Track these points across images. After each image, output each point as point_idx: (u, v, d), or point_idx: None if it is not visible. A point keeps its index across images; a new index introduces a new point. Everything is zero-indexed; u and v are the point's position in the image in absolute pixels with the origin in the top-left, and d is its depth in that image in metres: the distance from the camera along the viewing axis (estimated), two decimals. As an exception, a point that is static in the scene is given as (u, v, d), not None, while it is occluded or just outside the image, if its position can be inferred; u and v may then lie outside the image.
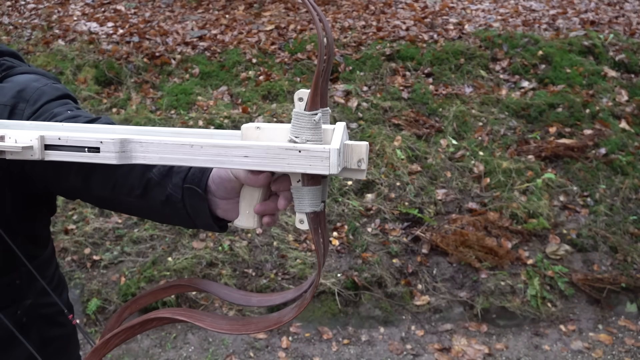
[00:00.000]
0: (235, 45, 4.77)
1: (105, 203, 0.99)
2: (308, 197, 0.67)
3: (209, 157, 0.66)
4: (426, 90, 4.22)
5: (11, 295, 1.06)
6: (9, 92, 0.95)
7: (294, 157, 0.63)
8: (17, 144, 0.66)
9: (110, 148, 0.66)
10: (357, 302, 3.00)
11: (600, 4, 5.66)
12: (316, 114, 0.64)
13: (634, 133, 3.92)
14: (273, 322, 0.73)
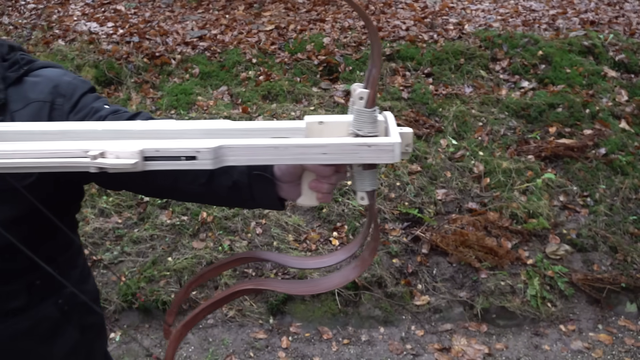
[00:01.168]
0: (235, 45, 4.77)
1: (162, 192, 1.05)
2: (368, 178, 0.77)
3: (292, 155, 0.73)
4: (426, 90, 4.23)
5: (53, 285, 1.08)
6: (44, 88, 0.98)
7: (365, 151, 0.72)
8: (119, 159, 0.70)
9: (207, 156, 0.71)
10: (357, 302, 3.01)
11: (600, 4, 5.66)
12: (375, 110, 0.75)
13: (633, 133, 3.92)
14: (338, 281, 0.83)
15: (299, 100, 4.14)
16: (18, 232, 0.86)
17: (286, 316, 2.97)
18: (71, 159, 0.70)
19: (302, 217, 3.35)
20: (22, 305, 1.03)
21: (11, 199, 0.90)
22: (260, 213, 3.34)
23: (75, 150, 0.70)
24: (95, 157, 0.70)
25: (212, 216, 3.29)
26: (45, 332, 1.08)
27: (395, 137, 0.72)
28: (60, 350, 1.11)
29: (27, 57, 1.04)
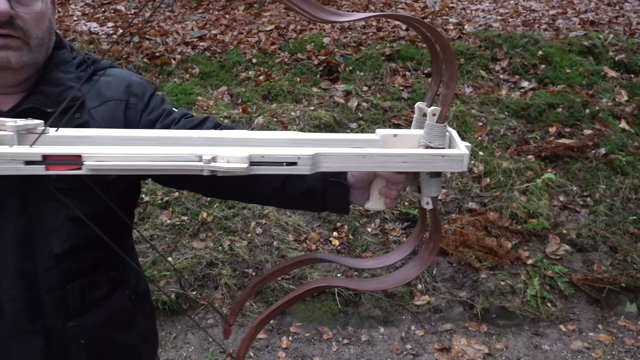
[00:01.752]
0: (235, 45, 4.77)
1: (230, 194, 1.10)
2: (434, 185, 0.87)
3: (376, 163, 0.81)
4: (426, 90, 4.22)
5: (121, 275, 1.14)
6: (119, 87, 1.05)
7: (439, 160, 0.81)
8: (230, 164, 0.76)
9: (306, 162, 0.78)
10: (357, 302, 3.01)
11: (600, 4, 5.66)
12: (445, 126, 0.84)
13: (633, 133, 3.92)
14: (401, 279, 0.91)
15: (299, 100, 4.14)
16: (103, 224, 0.92)
17: (286, 316, 2.98)
18: (186, 162, 0.76)
19: (302, 217, 3.35)
20: (103, 296, 1.09)
21: (94, 194, 0.94)
22: (260, 213, 3.34)
23: (189, 155, 0.76)
24: (209, 161, 0.76)
25: (212, 216, 3.29)
26: (121, 321, 1.13)
27: (464, 149, 0.82)
28: (133, 338, 1.17)
29: (91, 56, 1.09)
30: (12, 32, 0.90)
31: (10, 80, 0.96)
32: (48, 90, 0.97)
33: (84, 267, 1.04)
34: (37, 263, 0.98)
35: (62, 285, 1.01)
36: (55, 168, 0.76)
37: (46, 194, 0.95)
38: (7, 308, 0.99)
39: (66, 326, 1.03)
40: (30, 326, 1.00)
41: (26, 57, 0.93)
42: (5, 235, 0.95)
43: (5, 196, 0.94)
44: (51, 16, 0.98)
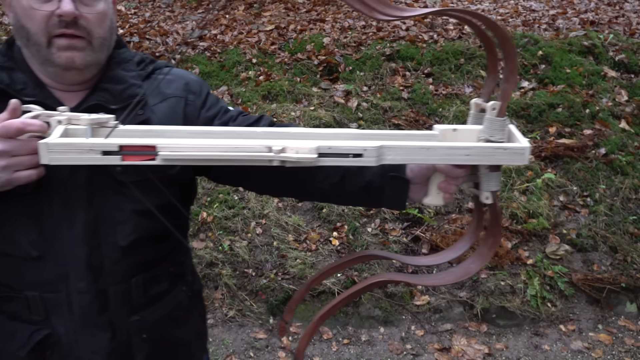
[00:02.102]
0: (235, 45, 4.77)
1: (284, 190, 1.13)
2: (494, 179, 0.87)
3: (439, 156, 0.82)
4: (426, 90, 4.22)
5: (180, 272, 1.17)
6: (178, 85, 1.08)
7: (501, 153, 0.82)
8: (299, 154, 0.79)
9: (372, 154, 0.80)
10: (357, 302, 3.00)
11: (600, 4, 5.66)
12: (505, 120, 0.85)
13: (633, 133, 3.92)
14: (460, 274, 0.91)
15: (299, 100, 4.14)
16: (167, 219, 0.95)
17: (286, 316, 2.97)
18: (256, 153, 0.79)
19: (302, 217, 3.35)
20: (164, 290, 1.11)
21: (158, 187, 0.97)
22: (260, 213, 3.34)
23: (259, 146, 0.79)
24: (279, 152, 0.78)
25: (212, 216, 3.29)
26: (180, 317, 1.15)
27: (525, 143, 0.82)
28: (189, 335, 1.19)
29: (149, 56, 1.12)
30: (77, 32, 0.92)
31: (75, 79, 0.99)
32: (111, 87, 1.00)
33: (147, 261, 1.06)
34: (104, 256, 1.01)
35: (126, 278, 1.04)
36: (130, 158, 0.78)
37: (111, 188, 0.98)
38: (76, 301, 1.01)
39: (129, 320, 1.06)
40: (97, 319, 1.03)
41: (89, 56, 0.95)
42: (74, 229, 0.98)
43: (74, 190, 0.96)
44: (112, 16, 1.01)
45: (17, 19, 0.93)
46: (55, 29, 0.91)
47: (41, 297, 1.00)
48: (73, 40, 0.92)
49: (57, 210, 0.97)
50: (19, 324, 1.03)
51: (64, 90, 1.00)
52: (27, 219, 0.96)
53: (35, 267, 0.99)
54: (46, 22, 0.90)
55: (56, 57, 0.93)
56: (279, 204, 3.40)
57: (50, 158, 0.78)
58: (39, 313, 1.01)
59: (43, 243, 0.97)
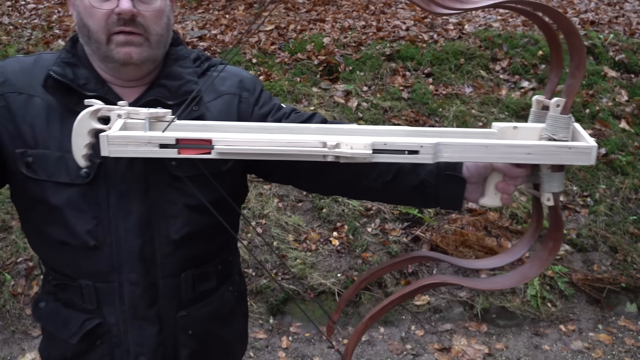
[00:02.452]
0: (235, 45, 4.77)
1: (336, 189, 1.12)
2: (557, 180, 0.83)
3: (499, 154, 0.79)
4: (426, 90, 4.22)
5: (228, 271, 1.18)
6: (233, 82, 1.10)
7: (565, 152, 0.78)
8: (354, 150, 0.78)
9: (429, 151, 0.77)
10: (357, 302, 3.01)
11: (600, 4, 5.66)
12: (570, 117, 0.81)
13: (634, 133, 3.92)
14: (518, 279, 0.88)
15: (299, 100, 4.14)
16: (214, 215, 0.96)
17: (286, 316, 2.98)
18: (310, 147, 0.78)
19: (302, 217, 3.35)
20: (211, 288, 1.13)
21: (210, 183, 0.98)
22: (260, 213, 3.34)
23: (314, 141, 0.79)
24: (333, 147, 0.77)
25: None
26: (225, 316, 1.17)
27: (591, 142, 0.78)
28: (233, 334, 1.20)
29: (204, 54, 1.14)
30: (134, 29, 0.95)
31: (132, 74, 1.01)
32: (168, 83, 1.03)
33: (197, 257, 1.08)
34: (156, 249, 1.03)
35: (176, 273, 1.06)
36: (186, 152, 0.80)
37: (166, 182, 1.01)
38: (128, 292, 1.03)
39: (177, 315, 1.07)
40: (146, 312, 1.05)
41: (146, 52, 0.98)
42: (129, 220, 1.00)
43: (131, 181, 0.99)
44: (169, 13, 1.03)
45: (80, 17, 0.97)
46: (114, 26, 0.94)
47: (94, 286, 1.03)
48: (131, 36, 0.95)
49: (114, 202, 0.99)
50: (73, 312, 1.06)
51: (123, 86, 1.03)
52: (86, 209, 0.99)
53: (91, 257, 1.01)
54: (106, 20, 0.94)
55: (115, 53, 0.96)
56: (279, 204, 3.40)
57: (110, 150, 0.80)
58: (92, 302, 1.04)
59: (100, 233, 1.00)
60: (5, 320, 2.80)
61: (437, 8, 0.73)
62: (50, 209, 0.99)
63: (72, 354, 1.08)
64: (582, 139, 0.80)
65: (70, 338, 1.05)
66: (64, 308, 1.07)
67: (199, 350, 1.12)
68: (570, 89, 0.82)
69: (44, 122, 0.98)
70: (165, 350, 1.08)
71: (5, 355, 2.65)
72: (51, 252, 1.05)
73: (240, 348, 1.27)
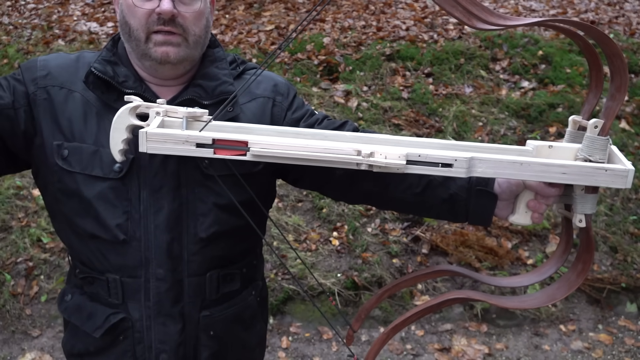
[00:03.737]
0: (235, 45, 4.77)
1: (363, 198, 1.13)
2: (590, 202, 0.82)
3: (533, 172, 0.78)
4: (426, 90, 4.22)
5: (252, 275, 1.19)
6: (267, 86, 1.12)
7: (601, 174, 0.77)
8: (388, 160, 0.76)
9: (463, 165, 0.78)
10: (357, 302, 3.00)
11: (600, 4, 5.66)
12: (608, 139, 0.80)
13: (634, 133, 3.92)
14: (544, 300, 0.88)
15: (299, 100, 4.14)
16: (244, 216, 0.97)
17: (286, 316, 2.97)
18: (345, 155, 0.79)
19: (302, 217, 3.35)
20: (235, 290, 1.13)
21: (241, 183, 1.00)
22: (260, 213, 3.34)
23: (348, 149, 0.79)
24: (367, 156, 0.78)
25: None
26: (247, 319, 1.17)
27: (628, 165, 0.78)
28: (254, 339, 1.21)
29: (240, 57, 1.15)
30: (173, 29, 0.97)
31: (169, 73, 1.03)
32: (205, 84, 1.04)
33: (223, 257, 1.09)
34: (184, 246, 1.04)
35: (202, 271, 1.07)
36: (222, 152, 0.81)
37: (197, 180, 1.02)
38: (154, 287, 1.04)
39: (200, 314, 1.09)
40: (170, 309, 1.06)
41: (184, 52, 1.00)
42: (159, 215, 1.02)
43: (164, 178, 1.01)
44: (209, 15, 1.05)
45: (122, 15, 1.00)
46: (154, 25, 0.97)
47: (121, 280, 1.05)
48: (169, 36, 0.98)
49: (145, 197, 1.01)
50: (98, 306, 1.07)
51: (160, 84, 1.05)
52: (117, 203, 1.01)
53: (120, 251, 1.03)
54: (146, 18, 0.96)
55: (153, 51, 0.98)
56: (279, 204, 3.40)
57: (148, 147, 0.81)
58: (117, 297, 1.06)
59: (130, 227, 1.02)
60: (5, 320, 2.79)
61: (480, 23, 0.72)
62: (83, 202, 1.01)
63: (95, 348, 1.09)
64: (619, 162, 0.80)
65: (94, 332, 1.06)
66: (90, 302, 1.08)
67: (219, 351, 1.12)
68: (609, 111, 0.80)
69: (81, 117, 1.01)
70: (186, 350, 1.09)
71: (5, 355, 2.65)
72: (81, 244, 1.06)
73: (260, 353, 1.27)
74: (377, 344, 0.93)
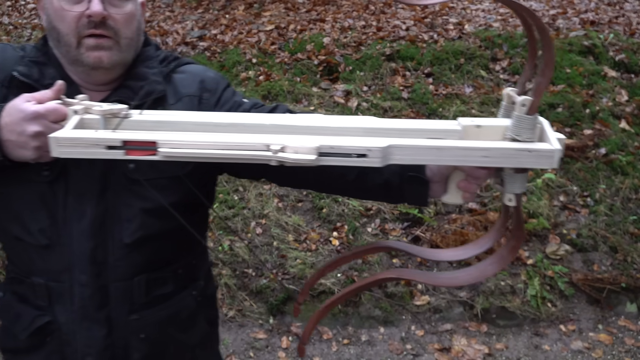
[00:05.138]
0: (235, 45, 4.77)
1: (305, 185, 1.12)
2: (519, 181, 0.80)
3: (453, 157, 0.75)
4: (426, 90, 4.22)
5: (190, 275, 1.16)
6: (192, 83, 1.08)
7: (525, 156, 0.74)
8: (298, 154, 0.75)
9: (377, 154, 0.74)
10: (357, 302, 3.00)
11: (600, 4, 5.66)
12: (536, 118, 0.77)
13: (634, 133, 3.92)
14: (476, 276, 0.86)
15: (299, 100, 4.14)
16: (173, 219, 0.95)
17: (286, 316, 2.97)
18: (254, 151, 0.76)
19: (302, 217, 3.35)
20: (168, 293, 1.11)
21: (169, 186, 0.98)
22: (260, 213, 3.34)
23: (258, 144, 0.75)
24: (277, 152, 0.75)
25: (212, 216, 3.29)
26: (184, 321, 1.15)
27: (555, 144, 0.75)
28: (194, 340, 1.18)
29: (174, 54, 1.13)
30: (105, 32, 0.95)
31: (101, 78, 1.01)
32: (133, 84, 1.02)
33: (152, 261, 1.07)
34: (109, 251, 1.03)
35: (129, 277, 1.05)
36: (133, 153, 0.79)
37: (122, 184, 1.00)
38: (78, 293, 1.03)
39: (128, 319, 1.07)
40: (95, 314, 1.05)
41: (117, 56, 0.98)
42: (82, 221, 1.00)
43: (89, 182, 0.99)
44: (140, 17, 1.03)
45: (49, 20, 0.97)
46: (84, 29, 0.94)
47: (46, 284, 1.03)
48: (101, 40, 0.95)
49: (70, 202, 0.99)
50: (25, 307, 1.06)
51: (92, 89, 1.02)
52: (42, 207, 0.99)
53: (43, 255, 1.02)
54: (76, 22, 0.93)
55: (85, 56, 0.95)
56: (279, 204, 3.40)
57: (59, 152, 0.80)
58: (44, 299, 1.05)
59: (53, 233, 1.00)
60: None
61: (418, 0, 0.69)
62: (9, 205, 1.00)
63: (25, 347, 1.08)
64: (548, 141, 0.77)
65: (21, 333, 1.06)
66: (18, 302, 1.08)
67: (152, 353, 1.11)
68: (538, 88, 0.76)
69: None
70: (114, 352, 1.07)
71: None
72: (9, 246, 1.06)
73: (204, 354, 1.24)
74: (312, 320, 0.93)
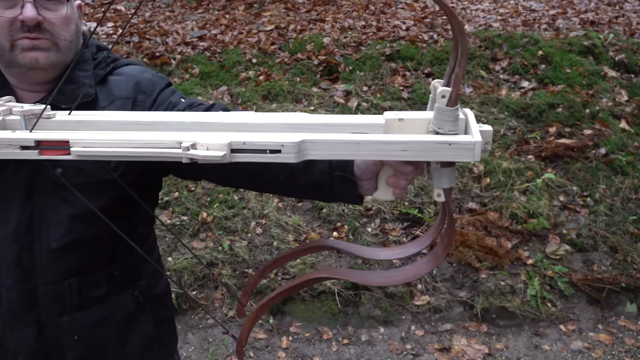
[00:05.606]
0: (235, 45, 4.77)
1: (242, 184, 1.11)
2: (446, 176, 0.79)
3: (372, 151, 0.74)
4: (426, 90, 4.22)
5: (129, 276, 1.15)
6: (127, 85, 1.07)
7: (445, 149, 0.72)
8: (209, 151, 0.73)
9: (291, 150, 0.73)
10: (357, 302, 3.00)
11: (600, 4, 5.66)
12: (457, 109, 0.74)
13: (634, 133, 3.92)
14: (411, 274, 0.86)
15: (299, 100, 4.14)
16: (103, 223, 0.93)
17: (286, 316, 2.97)
18: (165, 149, 0.75)
19: (302, 217, 3.35)
20: (101, 295, 1.10)
21: (98, 190, 0.97)
22: (260, 213, 3.34)
23: (169, 142, 0.74)
24: (188, 149, 0.73)
25: (212, 216, 3.29)
26: (121, 322, 1.14)
27: (476, 136, 0.73)
28: (134, 341, 1.16)
29: (113, 56, 1.12)
30: (40, 35, 0.94)
31: (38, 78, 1.01)
32: (65, 87, 1.01)
33: (83, 265, 1.06)
34: (37, 256, 1.02)
35: (59, 280, 1.04)
36: (48, 153, 0.78)
37: (49, 189, 0.99)
38: (5, 295, 1.04)
39: (60, 320, 1.06)
40: (24, 316, 1.05)
41: (54, 57, 0.97)
42: (8, 226, 1.00)
43: (15, 187, 0.99)
44: (78, 20, 1.03)
45: None
46: (17, 33, 0.93)
47: None
48: (37, 40, 0.94)
49: None
50: None
51: (28, 90, 1.02)
52: None
53: None
54: (9, 27, 0.93)
55: (20, 57, 0.95)
56: (279, 204, 3.40)
57: None
58: None
59: None
60: None
61: None
62: None
63: None
64: (470, 132, 0.75)
65: None
66: None
67: (88, 354, 1.10)
68: (457, 79, 0.73)
69: None
70: (48, 353, 1.08)
71: None
72: None
73: (151, 355, 1.22)
74: (248, 322, 0.92)
